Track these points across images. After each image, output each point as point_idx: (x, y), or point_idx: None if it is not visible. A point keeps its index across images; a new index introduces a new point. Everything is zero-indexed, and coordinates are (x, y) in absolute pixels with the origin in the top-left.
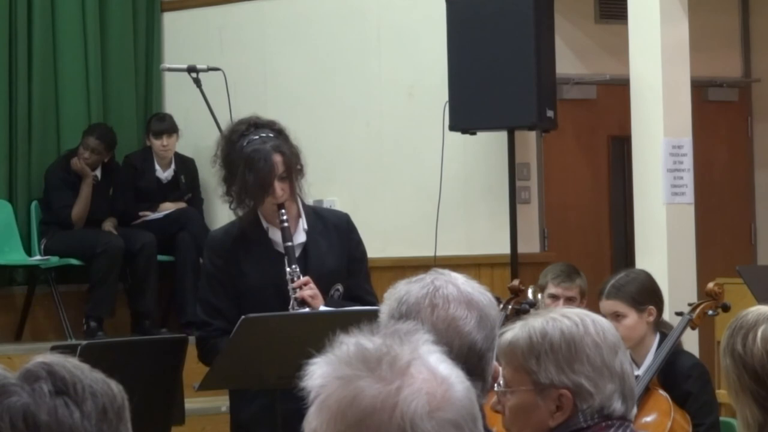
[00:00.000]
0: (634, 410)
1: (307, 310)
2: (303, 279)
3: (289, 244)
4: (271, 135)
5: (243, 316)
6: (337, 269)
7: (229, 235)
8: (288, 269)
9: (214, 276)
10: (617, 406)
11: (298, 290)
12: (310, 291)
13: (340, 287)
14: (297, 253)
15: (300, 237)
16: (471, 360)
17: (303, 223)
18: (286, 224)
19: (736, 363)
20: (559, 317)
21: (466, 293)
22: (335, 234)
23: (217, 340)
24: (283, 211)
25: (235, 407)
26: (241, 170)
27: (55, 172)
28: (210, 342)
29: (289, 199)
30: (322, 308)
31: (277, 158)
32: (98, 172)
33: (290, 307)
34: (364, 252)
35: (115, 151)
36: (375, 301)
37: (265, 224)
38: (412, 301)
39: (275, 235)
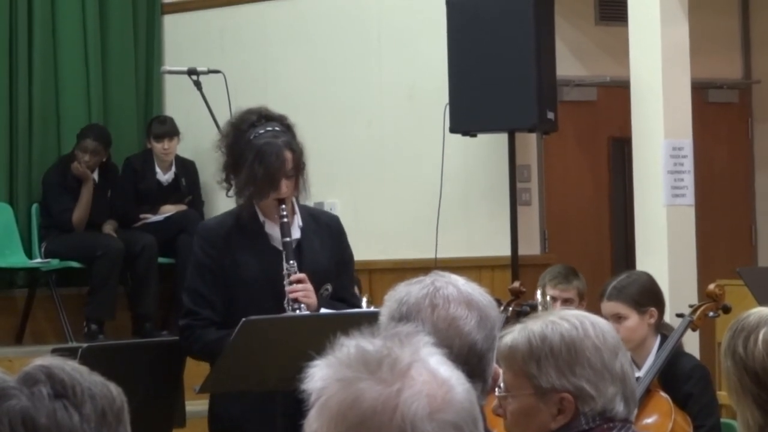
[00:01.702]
0: (635, 411)
1: (304, 309)
2: (299, 275)
3: (288, 239)
4: (280, 129)
5: (244, 319)
6: (329, 268)
7: (223, 226)
8: (285, 265)
9: (206, 265)
10: (619, 408)
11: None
12: (303, 291)
13: (329, 287)
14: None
15: (295, 233)
16: (471, 360)
17: (298, 220)
18: (285, 220)
19: (737, 365)
20: (558, 320)
21: (466, 294)
22: (327, 233)
23: (203, 331)
24: (284, 206)
25: (219, 404)
26: (250, 161)
27: (52, 177)
28: (196, 332)
29: (289, 196)
30: (323, 311)
31: (288, 155)
32: (95, 175)
33: (285, 303)
34: (351, 256)
35: (111, 152)
36: (359, 305)
37: (261, 218)
38: (413, 301)
39: (271, 229)
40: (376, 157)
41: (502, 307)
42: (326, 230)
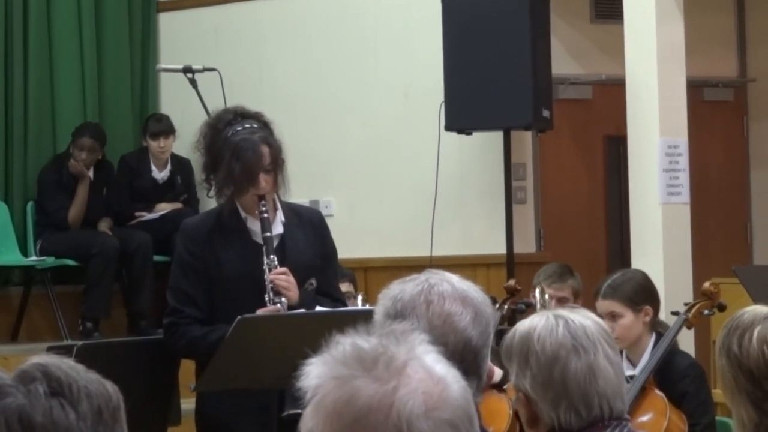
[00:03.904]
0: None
1: (284, 302)
2: (280, 269)
3: (268, 234)
4: (257, 126)
5: (239, 317)
6: (313, 263)
7: (205, 224)
8: (266, 259)
9: (189, 264)
10: (571, 418)
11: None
12: (285, 282)
13: (314, 281)
14: (274, 244)
15: (278, 228)
16: (467, 357)
17: (280, 215)
18: (265, 215)
19: (732, 363)
20: (535, 319)
21: (461, 290)
22: (311, 229)
23: (187, 328)
24: (263, 201)
25: (206, 402)
26: (227, 158)
27: (47, 175)
28: (180, 329)
29: (269, 192)
30: (318, 308)
31: (265, 149)
32: (90, 173)
33: (266, 296)
34: (334, 250)
35: (106, 149)
36: (343, 299)
37: (243, 214)
38: (407, 298)
39: (253, 225)
40: (371, 155)
41: (497, 306)
42: (309, 225)
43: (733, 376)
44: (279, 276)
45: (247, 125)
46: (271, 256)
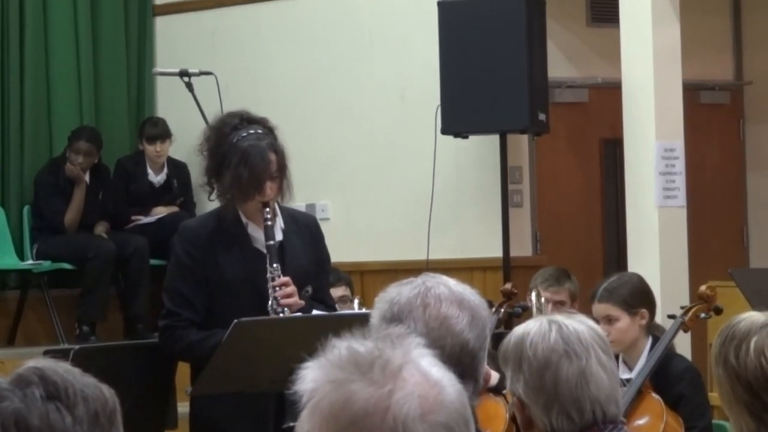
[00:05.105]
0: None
1: (287, 312)
2: (283, 279)
3: (272, 242)
4: (263, 132)
5: (236, 320)
6: (311, 269)
7: (205, 227)
8: (269, 268)
9: (187, 266)
10: (563, 424)
11: (278, 289)
12: (294, 299)
13: (309, 288)
14: None
15: (278, 235)
16: (463, 360)
17: (280, 222)
18: (269, 222)
19: (729, 374)
20: (529, 324)
21: (458, 293)
22: (307, 234)
23: (183, 331)
24: (268, 209)
25: (201, 405)
26: (234, 164)
27: (44, 178)
28: (177, 333)
29: (273, 199)
30: (315, 312)
31: (272, 157)
32: (87, 176)
33: (269, 305)
34: (328, 256)
35: (102, 153)
36: (335, 306)
37: (244, 220)
38: (404, 301)
39: (254, 231)
40: (367, 159)
41: (494, 309)
42: (306, 231)
43: (731, 387)
44: (287, 290)
45: (252, 131)
46: (275, 265)
